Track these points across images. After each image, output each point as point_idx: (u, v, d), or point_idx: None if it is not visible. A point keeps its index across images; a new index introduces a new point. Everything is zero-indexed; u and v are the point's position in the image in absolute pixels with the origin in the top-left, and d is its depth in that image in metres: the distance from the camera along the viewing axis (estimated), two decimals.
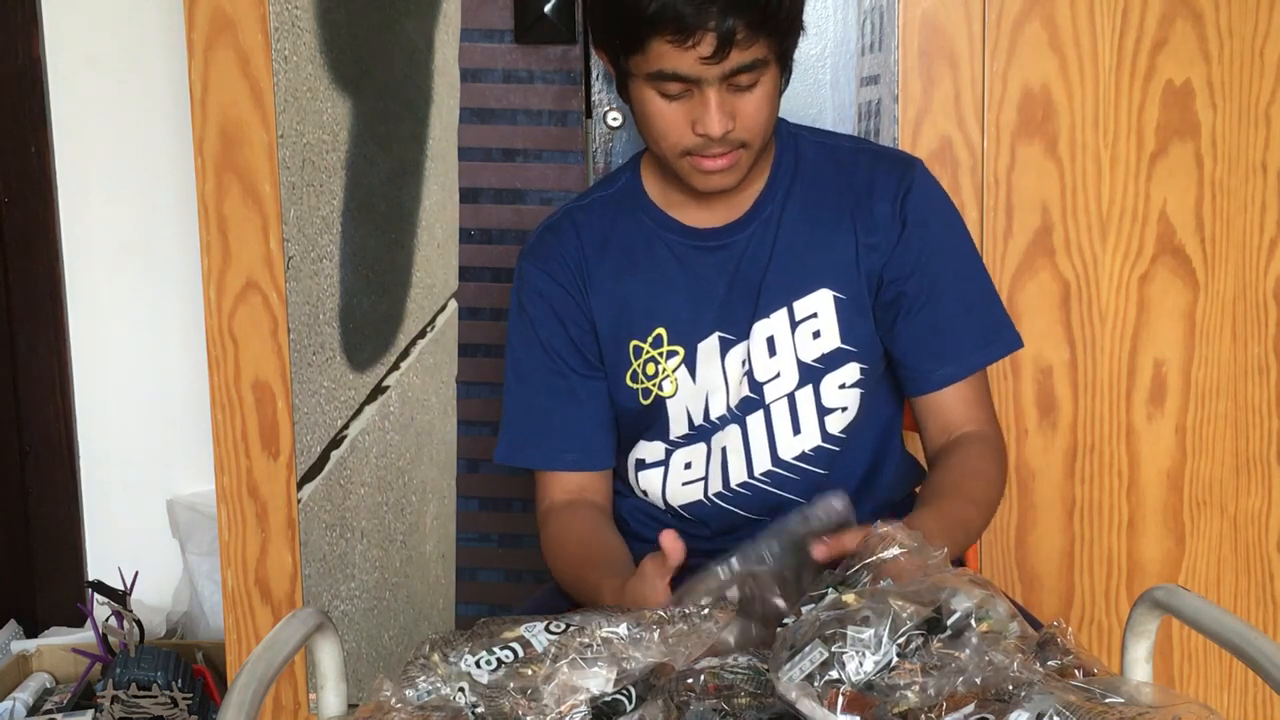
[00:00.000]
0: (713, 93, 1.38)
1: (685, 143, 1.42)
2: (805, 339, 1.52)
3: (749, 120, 1.42)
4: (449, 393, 2.11)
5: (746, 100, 1.41)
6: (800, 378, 1.52)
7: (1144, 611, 1.19)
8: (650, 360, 1.55)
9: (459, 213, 2.06)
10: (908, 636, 1.10)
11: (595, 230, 1.57)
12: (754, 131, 1.43)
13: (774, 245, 1.52)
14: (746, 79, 1.39)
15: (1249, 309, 2.00)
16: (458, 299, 2.08)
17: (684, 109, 1.41)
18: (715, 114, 1.39)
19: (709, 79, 1.37)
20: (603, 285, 1.56)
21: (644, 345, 1.55)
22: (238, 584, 2.12)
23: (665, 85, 1.39)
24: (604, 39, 1.44)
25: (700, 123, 1.40)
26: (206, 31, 1.99)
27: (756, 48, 1.37)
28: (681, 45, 1.35)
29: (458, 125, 2.04)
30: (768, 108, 1.43)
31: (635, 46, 1.38)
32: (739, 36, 1.35)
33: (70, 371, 2.68)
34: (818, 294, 1.52)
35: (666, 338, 1.54)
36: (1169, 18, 1.93)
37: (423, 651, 1.16)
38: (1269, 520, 2.04)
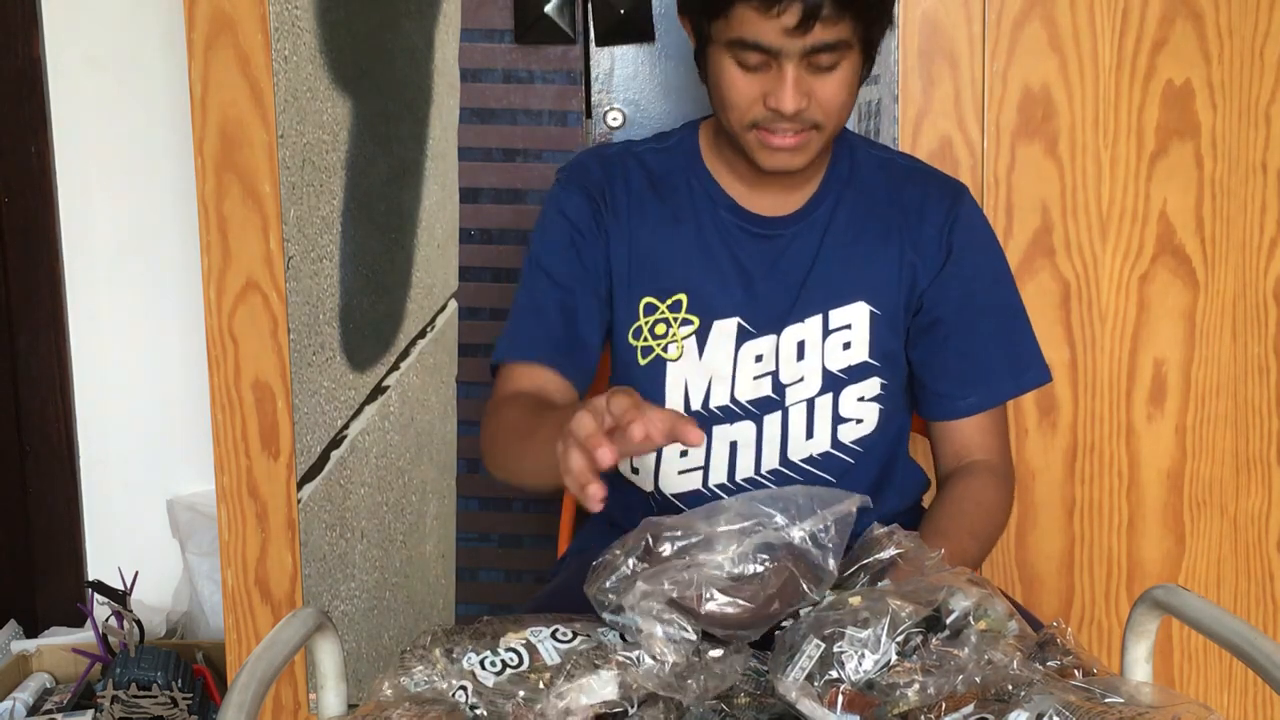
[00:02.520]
0: (791, 67, 1.37)
1: (755, 114, 1.41)
2: (835, 348, 1.51)
3: (825, 102, 1.40)
4: (449, 393, 2.11)
5: (825, 81, 1.39)
6: (823, 385, 1.51)
7: (1144, 611, 1.19)
8: (662, 320, 1.53)
9: (459, 213, 2.06)
10: (907, 636, 1.10)
11: (643, 178, 1.55)
12: (829, 113, 1.41)
13: (819, 250, 1.51)
14: (827, 59, 1.37)
15: (1249, 309, 2.00)
16: (458, 299, 2.08)
17: (760, 81, 1.39)
18: (791, 90, 1.37)
19: (789, 52, 1.36)
20: (635, 231, 1.53)
21: (659, 305, 1.53)
22: (238, 584, 2.12)
23: (745, 55, 1.38)
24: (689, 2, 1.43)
25: (774, 96, 1.38)
26: (206, 31, 1.99)
27: (841, 27, 1.35)
28: (766, 13, 1.33)
29: (458, 125, 2.04)
30: (845, 92, 1.41)
31: (720, 9, 1.37)
32: (825, 12, 1.33)
33: (70, 371, 2.68)
34: (855, 306, 1.51)
35: (686, 304, 1.52)
36: (1169, 18, 1.93)
37: (422, 643, 1.16)
38: (1269, 520, 2.04)
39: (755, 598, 1.15)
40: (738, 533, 1.17)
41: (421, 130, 2.04)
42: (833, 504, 1.20)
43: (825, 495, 1.21)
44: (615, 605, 1.15)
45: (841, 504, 1.20)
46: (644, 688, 1.09)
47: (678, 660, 1.11)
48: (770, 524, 1.18)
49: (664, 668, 1.11)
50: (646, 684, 1.09)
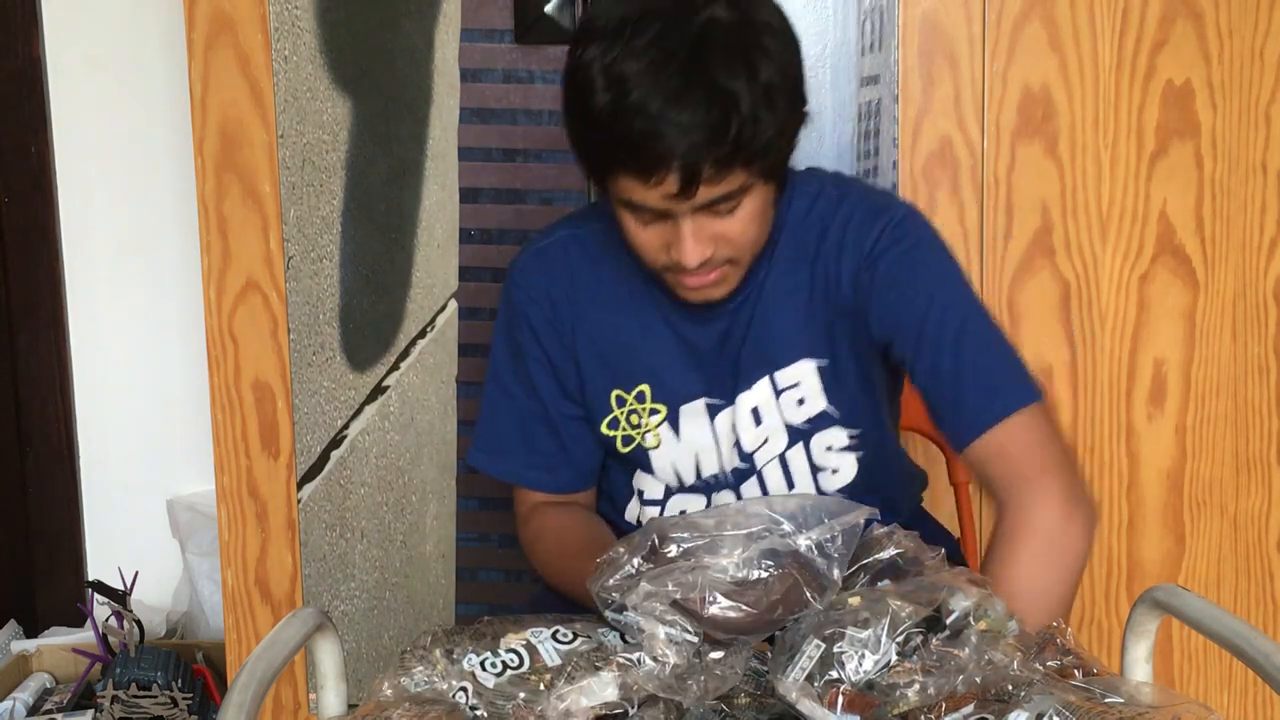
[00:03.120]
0: (687, 223, 1.29)
1: (663, 260, 1.34)
2: (790, 404, 1.46)
3: (733, 242, 1.32)
4: (449, 393, 2.11)
5: (729, 223, 1.31)
6: (789, 438, 1.47)
7: (1144, 612, 1.19)
8: (634, 411, 1.49)
9: (459, 213, 2.06)
10: (907, 636, 1.10)
11: (587, 270, 1.49)
12: (739, 250, 1.34)
13: (753, 316, 1.44)
14: (726, 205, 1.29)
15: (1249, 309, 2.00)
16: (458, 299, 2.08)
17: (659, 232, 1.32)
18: (689, 244, 1.30)
19: (680, 211, 1.28)
20: (592, 328, 1.49)
21: (627, 397, 1.49)
22: (238, 584, 2.12)
23: (636, 213, 1.31)
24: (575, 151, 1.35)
25: (675, 250, 1.31)
26: (206, 31, 1.99)
27: (732, 179, 1.27)
28: (645, 182, 1.26)
29: (458, 125, 2.04)
30: (755, 226, 1.33)
31: (602, 174, 1.31)
32: (707, 174, 1.25)
33: (70, 371, 2.67)
34: (798, 365, 1.45)
35: (650, 394, 1.48)
36: (1169, 18, 1.93)
37: (422, 643, 1.16)
38: (1269, 520, 2.04)
39: (758, 603, 1.15)
40: (744, 537, 1.17)
41: (421, 130, 2.04)
42: (841, 514, 1.20)
43: (833, 505, 1.21)
44: (618, 604, 1.15)
45: (849, 515, 1.20)
46: (644, 689, 1.09)
47: (678, 661, 1.11)
48: (777, 530, 1.18)
49: (664, 669, 1.11)
50: (647, 685, 1.09)
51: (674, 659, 1.11)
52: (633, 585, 1.15)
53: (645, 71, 1.24)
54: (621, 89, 1.24)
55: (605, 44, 1.26)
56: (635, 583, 1.15)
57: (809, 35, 1.98)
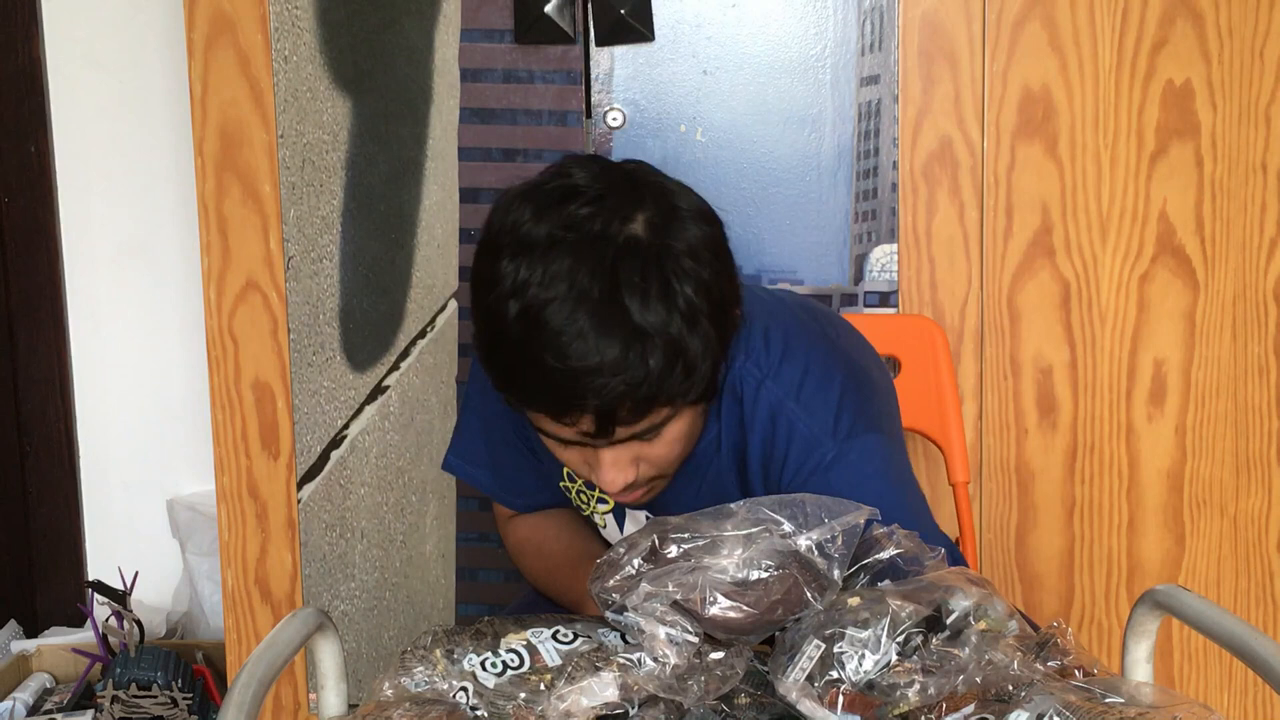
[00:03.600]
0: (606, 454, 1.23)
1: (584, 474, 1.29)
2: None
3: (658, 463, 1.27)
4: (449, 393, 2.11)
5: (653, 447, 1.25)
6: None
7: (1144, 612, 1.19)
8: (582, 491, 1.47)
9: (459, 213, 2.06)
10: (907, 636, 1.10)
11: None
12: (664, 468, 1.28)
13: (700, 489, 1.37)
14: (649, 434, 1.23)
15: (1249, 309, 2.00)
16: (458, 299, 2.08)
17: (579, 454, 1.25)
18: (609, 473, 1.24)
19: (599, 444, 1.22)
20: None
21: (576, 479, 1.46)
22: (238, 584, 2.12)
23: (554, 442, 1.25)
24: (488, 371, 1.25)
25: (596, 475, 1.25)
26: (206, 31, 1.99)
27: (652, 415, 1.21)
28: (559, 421, 1.20)
29: (458, 125, 2.04)
30: (680, 446, 1.27)
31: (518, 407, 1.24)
32: (622, 416, 1.19)
33: (70, 371, 2.68)
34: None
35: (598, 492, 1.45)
36: (1169, 18, 1.93)
37: (423, 643, 1.16)
38: (1269, 520, 2.04)
39: (759, 603, 1.15)
40: (744, 538, 1.17)
41: (421, 130, 2.04)
42: (841, 514, 1.20)
43: (833, 505, 1.20)
44: (618, 605, 1.16)
45: (849, 515, 1.20)
46: (644, 689, 1.10)
47: (679, 662, 1.11)
48: (777, 530, 1.18)
49: (665, 669, 1.11)
50: (647, 686, 1.09)
51: (674, 659, 1.11)
52: (633, 586, 1.15)
53: (560, 306, 1.16)
54: (536, 321, 1.16)
55: (519, 262, 1.18)
56: (635, 583, 1.15)
57: (809, 35, 1.98)
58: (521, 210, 1.21)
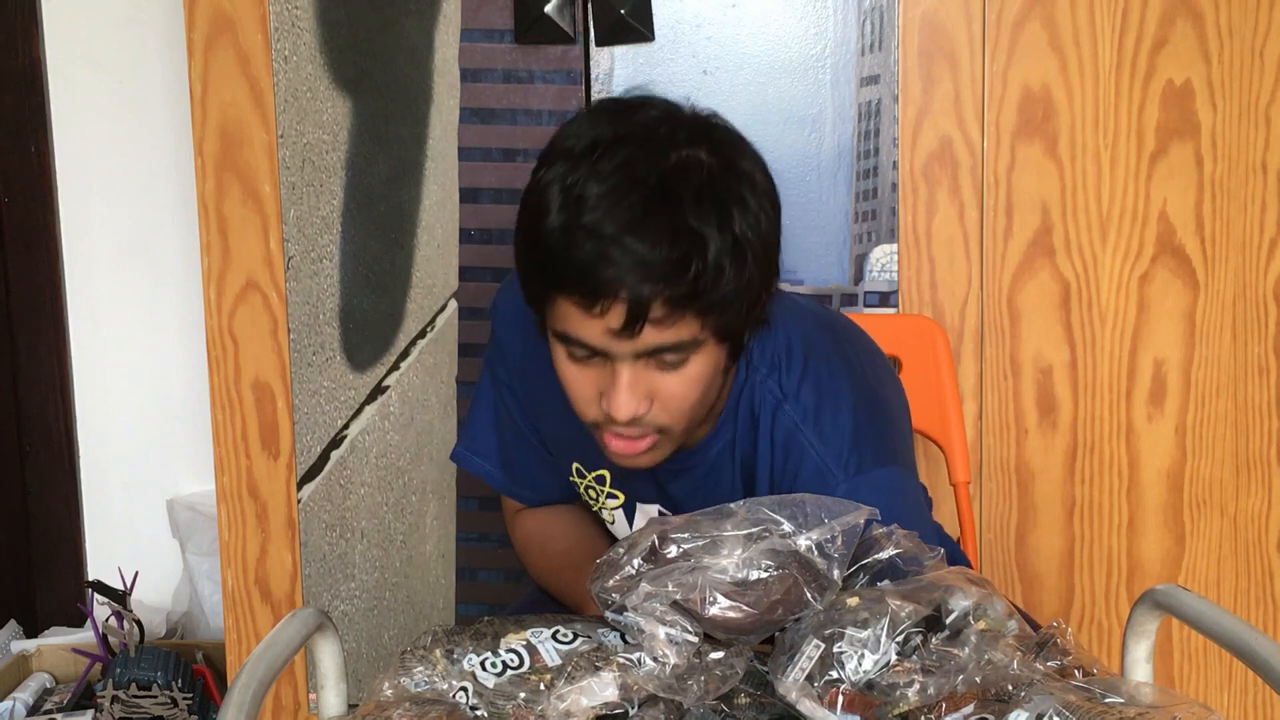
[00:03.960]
0: (625, 369, 1.18)
1: (591, 414, 1.23)
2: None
3: (670, 404, 1.21)
4: (449, 393, 2.11)
5: (669, 380, 1.19)
6: None
7: (1144, 612, 1.19)
8: (591, 488, 1.46)
9: (459, 213, 2.06)
10: (906, 636, 1.10)
11: None
12: (675, 417, 1.22)
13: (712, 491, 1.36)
14: (671, 357, 1.18)
15: (1249, 309, 2.00)
16: (458, 299, 2.08)
17: (595, 376, 1.20)
18: (624, 394, 1.18)
19: (620, 354, 1.17)
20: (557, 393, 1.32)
21: (586, 474, 1.45)
22: (238, 584, 2.12)
23: (573, 348, 1.20)
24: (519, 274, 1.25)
25: (607, 399, 1.19)
26: (206, 31, 1.99)
27: (682, 327, 1.16)
28: (588, 311, 1.15)
29: (458, 125, 2.04)
30: (695, 390, 1.21)
31: (542, 299, 1.20)
32: (656, 314, 1.14)
33: (70, 371, 2.68)
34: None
35: (609, 480, 1.43)
36: (1169, 18, 1.93)
37: (423, 643, 1.16)
38: (1269, 520, 2.04)
39: (758, 603, 1.15)
40: (744, 538, 1.17)
41: (421, 130, 2.04)
42: (841, 514, 1.19)
43: (833, 505, 1.20)
44: (618, 605, 1.16)
45: (849, 515, 1.20)
46: (644, 689, 1.10)
47: (679, 662, 1.11)
48: (777, 530, 1.18)
49: (665, 669, 1.11)
50: (647, 685, 1.09)
51: (674, 659, 1.11)
52: (633, 586, 1.15)
53: (606, 194, 1.13)
54: (578, 208, 1.14)
55: (569, 165, 1.16)
56: (635, 583, 1.15)
57: (809, 35, 1.98)
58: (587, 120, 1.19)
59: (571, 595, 1.42)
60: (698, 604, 1.14)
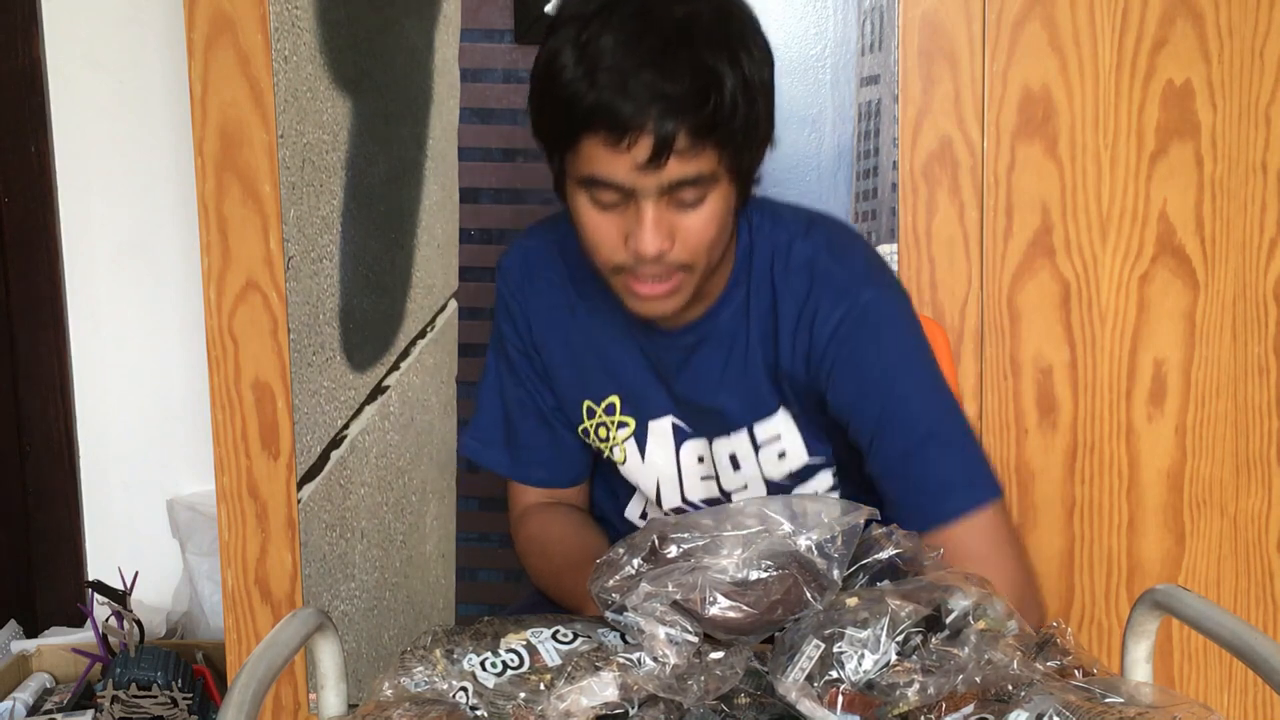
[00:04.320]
0: (649, 206, 1.23)
1: (617, 259, 1.28)
2: (770, 459, 1.44)
3: (690, 241, 1.26)
4: (449, 393, 2.11)
5: (690, 218, 1.25)
6: (769, 490, 1.46)
7: (1144, 612, 1.19)
8: (602, 424, 1.48)
9: (459, 213, 2.06)
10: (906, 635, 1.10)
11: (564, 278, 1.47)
12: (696, 254, 1.28)
13: (726, 365, 1.41)
14: (691, 194, 1.24)
15: (1249, 309, 2.00)
16: (458, 299, 2.08)
17: (618, 221, 1.26)
18: (650, 231, 1.23)
19: (646, 190, 1.23)
20: (564, 336, 1.47)
21: (597, 409, 1.48)
22: (238, 584, 2.12)
23: (598, 192, 1.25)
24: (540, 130, 1.30)
25: (633, 238, 1.25)
26: (206, 31, 1.99)
27: (703, 159, 1.22)
28: (615, 147, 1.20)
29: (458, 125, 2.04)
30: (714, 228, 1.27)
31: (568, 143, 1.25)
32: (680, 145, 1.20)
33: (70, 371, 2.68)
34: (777, 416, 1.42)
35: (619, 406, 1.46)
36: (1169, 18, 1.93)
37: (423, 643, 1.16)
38: (1269, 520, 2.04)
39: (758, 603, 1.15)
40: (744, 538, 1.17)
41: (421, 130, 2.04)
42: (841, 515, 1.20)
43: (834, 506, 1.21)
44: (618, 605, 1.16)
45: (849, 515, 1.20)
46: (644, 689, 1.10)
47: (679, 662, 1.11)
48: (777, 530, 1.18)
49: (665, 669, 1.11)
50: (647, 685, 1.09)
51: (674, 659, 1.11)
52: (633, 586, 1.15)
53: (623, 41, 1.19)
54: (595, 57, 1.20)
55: (579, 25, 1.21)
56: (635, 583, 1.15)
57: (809, 35, 1.98)
58: None
59: (570, 599, 1.42)
60: (698, 604, 1.14)
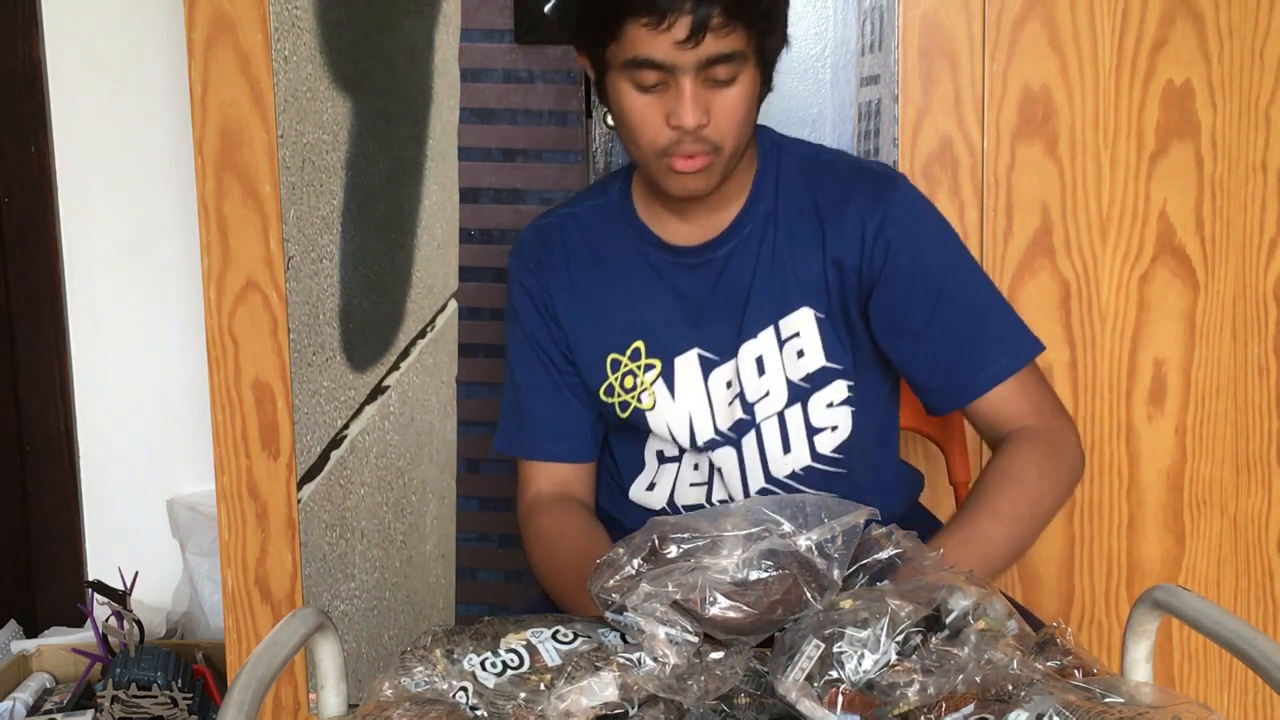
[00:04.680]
0: (688, 82, 1.37)
1: (661, 140, 1.40)
2: (791, 358, 1.51)
3: (724, 118, 1.40)
4: (449, 393, 2.11)
5: (723, 96, 1.39)
6: (789, 396, 1.51)
7: (1144, 612, 1.19)
8: (628, 373, 1.54)
9: (459, 213, 2.06)
10: (906, 635, 1.10)
11: (581, 241, 1.57)
12: (728, 132, 1.41)
13: (756, 264, 1.51)
14: (723, 71, 1.37)
15: (1249, 309, 2.00)
16: (458, 299, 2.08)
17: (659, 102, 1.39)
18: (689, 104, 1.37)
19: (684, 66, 1.36)
20: (584, 297, 1.55)
21: (622, 358, 1.54)
22: (238, 584, 2.12)
23: (641, 74, 1.38)
24: (582, 30, 1.44)
25: (674, 114, 1.38)
26: (206, 31, 1.99)
27: (734, 38, 1.36)
28: (656, 28, 1.34)
29: (458, 125, 2.04)
30: (744, 108, 1.41)
31: (611, 32, 1.38)
32: (714, 21, 1.34)
33: (70, 371, 2.68)
34: (800, 312, 1.50)
35: (644, 350, 1.53)
36: (1169, 18, 1.93)
37: (423, 643, 1.16)
38: (1269, 520, 2.04)
39: (758, 604, 1.15)
40: (744, 538, 1.18)
41: (421, 130, 2.04)
42: (841, 515, 1.20)
43: (834, 506, 1.21)
44: (618, 605, 1.16)
45: (850, 515, 1.20)
46: (644, 689, 1.09)
47: (679, 662, 1.11)
48: (777, 531, 1.18)
49: (665, 669, 1.11)
50: (647, 685, 1.09)
51: (674, 659, 1.11)
52: (633, 586, 1.15)
53: None
54: None
55: None
56: (635, 584, 1.15)
57: (809, 35, 1.98)
58: None
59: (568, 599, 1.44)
60: (698, 604, 1.14)
